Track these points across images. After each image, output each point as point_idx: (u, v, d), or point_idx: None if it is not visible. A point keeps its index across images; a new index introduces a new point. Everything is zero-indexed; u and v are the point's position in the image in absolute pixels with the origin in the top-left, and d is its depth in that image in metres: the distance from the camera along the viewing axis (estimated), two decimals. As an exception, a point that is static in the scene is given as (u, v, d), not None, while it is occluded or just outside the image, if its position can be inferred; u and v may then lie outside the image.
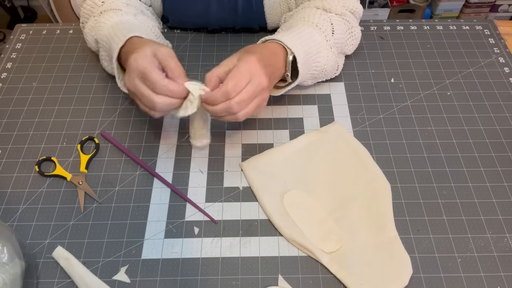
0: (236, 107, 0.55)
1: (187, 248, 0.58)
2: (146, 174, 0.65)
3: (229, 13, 0.79)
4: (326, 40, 0.68)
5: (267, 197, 0.62)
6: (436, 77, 0.78)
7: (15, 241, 0.53)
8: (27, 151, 0.68)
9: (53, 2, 1.56)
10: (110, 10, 0.69)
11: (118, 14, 0.68)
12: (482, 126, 0.70)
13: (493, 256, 0.57)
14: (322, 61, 0.68)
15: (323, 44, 0.68)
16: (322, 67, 0.69)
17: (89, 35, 0.72)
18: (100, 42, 0.69)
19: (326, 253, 0.56)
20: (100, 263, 0.57)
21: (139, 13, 0.72)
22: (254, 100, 0.56)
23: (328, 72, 0.72)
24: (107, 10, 0.69)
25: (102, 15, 0.69)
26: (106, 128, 0.71)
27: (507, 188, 0.63)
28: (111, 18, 0.67)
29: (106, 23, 0.67)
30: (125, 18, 0.67)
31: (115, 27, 0.64)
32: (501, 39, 0.84)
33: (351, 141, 0.68)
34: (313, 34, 0.67)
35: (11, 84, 0.77)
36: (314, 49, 0.66)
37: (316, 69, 0.69)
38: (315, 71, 0.69)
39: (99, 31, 0.68)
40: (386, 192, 0.62)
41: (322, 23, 0.68)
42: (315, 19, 0.68)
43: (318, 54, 0.67)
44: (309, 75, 0.69)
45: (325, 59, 0.69)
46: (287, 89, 0.67)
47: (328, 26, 0.69)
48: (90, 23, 0.72)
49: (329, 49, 0.69)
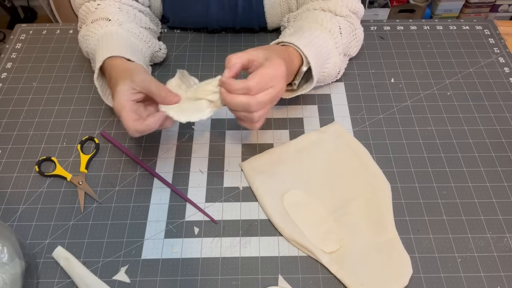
0: (255, 105, 0.53)
1: (187, 248, 0.58)
2: (146, 174, 0.65)
3: (229, 13, 0.79)
4: (336, 46, 0.68)
5: (267, 197, 0.62)
6: (436, 77, 0.78)
7: (15, 241, 0.53)
8: (27, 151, 0.68)
9: (53, 2, 1.56)
10: (99, 19, 0.69)
11: (103, 26, 0.67)
12: (482, 126, 0.70)
13: (493, 256, 0.57)
14: (329, 67, 0.68)
15: (334, 51, 0.67)
16: (328, 73, 0.69)
17: (81, 44, 0.73)
18: (90, 54, 0.70)
19: (326, 253, 0.56)
20: (100, 263, 0.57)
21: (128, 19, 0.71)
22: (269, 106, 0.56)
23: (332, 77, 0.72)
24: (96, 20, 0.69)
25: (92, 25, 0.69)
26: (106, 128, 0.71)
27: (507, 188, 0.63)
28: (97, 31, 0.67)
29: (94, 37, 0.67)
30: (109, 30, 0.66)
31: (99, 42, 0.65)
32: (501, 39, 0.84)
33: (351, 141, 0.68)
34: (326, 40, 0.66)
35: (11, 84, 0.77)
36: (325, 56, 0.66)
37: (322, 75, 0.68)
38: (321, 77, 0.69)
39: (88, 44, 0.68)
40: (386, 192, 0.62)
41: (334, 29, 0.68)
42: (328, 24, 0.67)
43: (327, 61, 0.67)
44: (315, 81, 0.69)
45: (333, 65, 0.69)
46: (294, 95, 0.67)
47: (337, 31, 0.68)
48: (82, 31, 0.72)
49: (338, 56, 0.69)
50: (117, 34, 0.66)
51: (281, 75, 0.55)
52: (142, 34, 0.72)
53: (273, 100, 0.56)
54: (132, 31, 0.70)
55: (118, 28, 0.68)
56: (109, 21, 0.68)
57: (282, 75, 0.55)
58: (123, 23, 0.69)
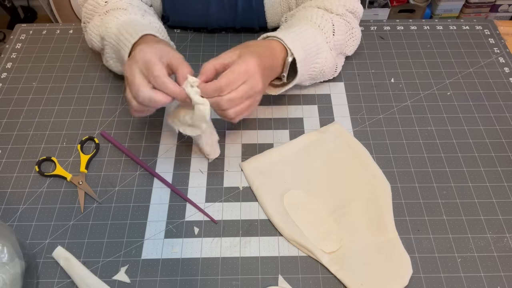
0: (225, 104, 0.55)
1: (187, 248, 0.58)
2: (146, 174, 0.65)
3: (229, 12, 0.79)
4: (327, 41, 0.68)
5: (267, 197, 0.62)
6: (436, 77, 0.78)
7: (15, 241, 0.53)
8: (27, 151, 0.68)
9: (53, 2, 1.56)
10: (116, 9, 0.69)
11: (126, 13, 0.68)
12: (482, 126, 0.70)
13: (493, 256, 0.57)
14: (321, 62, 0.68)
15: (323, 46, 0.68)
16: (321, 68, 0.69)
17: (93, 33, 0.71)
18: (107, 39, 0.67)
19: (326, 253, 0.56)
20: (100, 263, 0.57)
21: (145, 13, 0.72)
22: (246, 101, 0.57)
23: (326, 73, 0.72)
24: (114, 9, 0.69)
25: (109, 13, 0.69)
26: (106, 128, 0.71)
27: (507, 188, 0.63)
28: (120, 16, 0.67)
29: (115, 21, 0.66)
30: (133, 18, 0.67)
31: (125, 25, 0.64)
32: (501, 39, 0.84)
33: (351, 141, 0.68)
34: (315, 34, 0.67)
35: (11, 84, 0.77)
36: (314, 50, 0.66)
37: (314, 70, 0.69)
38: (313, 72, 0.69)
39: (107, 29, 0.67)
40: (386, 192, 0.62)
41: (324, 24, 0.68)
42: (317, 19, 0.68)
43: (317, 55, 0.67)
44: (307, 76, 0.69)
45: (324, 60, 0.69)
46: (284, 89, 0.67)
47: (330, 27, 0.69)
48: (94, 21, 0.71)
49: (329, 51, 0.69)
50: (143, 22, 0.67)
51: (253, 70, 0.55)
52: (162, 29, 0.73)
53: (248, 96, 0.56)
54: (153, 24, 0.70)
55: (141, 18, 0.68)
56: (128, 11, 0.68)
57: (253, 69, 0.55)
58: (144, 15, 0.70)
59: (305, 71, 0.66)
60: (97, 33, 0.70)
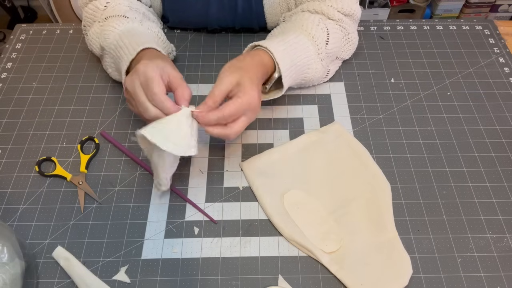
0: (233, 135, 0.58)
1: (187, 248, 0.58)
2: (146, 174, 0.65)
3: (229, 13, 0.79)
4: (318, 53, 0.68)
5: (267, 197, 0.62)
6: (436, 77, 0.78)
7: (15, 241, 0.53)
8: (27, 151, 0.68)
9: (53, 2, 1.56)
10: (115, 16, 0.69)
11: (124, 22, 0.68)
12: (482, 126, 0.70)
13: (493, 256, 0.57)
14: (310, 73, 0.69)
15: (314, 58, 0.68)
16: (310, 78, 0.70)
17: (94, 41, 0.72)
18: (106, 49, 0.69)
19: (326, 253, 0.56)
20: (100, 263, 0.57)
21: (143, 18, 0.72)
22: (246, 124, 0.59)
23: (315, 81, 0.73)
24: (112, 17, 0.69)
25: (108, 21, 0.69)
26: (106, 128, 0.71)
27: (507, 188, 0.63)
28: (118, 26, 0.67)
29: (113, 31, 0.67)
30: (131, 26, 0.67)
31: (123, 36, 0.65)
32: (501, 39, 0.84)
33: (351, 141, 0.68)
34: (307, 46, 0.67)
35: (11, 84, 0.77)
36: (304, 62, 0.67)
37: (303, 79, 0.70)
38: (302, 81, 0.70)
39: (106, 39, 0.67)
40: (386, 192, 0.62)
41: (318, 34, 0.68)
42: (312, 29, 0.68)
43: (307, 67, 0.68)
44: (295, 84, 0.70)
45: (314, 71, 0.69)
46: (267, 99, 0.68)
47: (324, 37, 0.69)
48: (94, 28, 0.71)
49: (319, 62, 0.69)
50: (141, 30, 0.67)
51: (254, 104, 0.58)
52: (160, 33, 0.73)
53: (249, 122, 0.59)
54: (152, 29, 0.71)
55: (139, 25, 0.68)
56: (127, 18, 0.69)
57: (254, 103, 0.58)
58: (142, 21, 0.70)
59: (292, 82, 0.67)
60: (97, 41, 0.71)
